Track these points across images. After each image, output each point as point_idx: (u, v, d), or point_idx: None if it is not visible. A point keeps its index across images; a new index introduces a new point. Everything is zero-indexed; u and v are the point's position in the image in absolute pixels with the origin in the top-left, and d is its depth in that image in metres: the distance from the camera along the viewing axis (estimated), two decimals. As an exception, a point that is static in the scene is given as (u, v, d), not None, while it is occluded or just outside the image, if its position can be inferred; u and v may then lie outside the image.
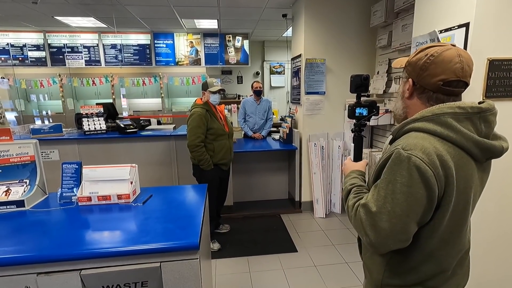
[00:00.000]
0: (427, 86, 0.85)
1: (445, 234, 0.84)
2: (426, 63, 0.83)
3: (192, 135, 2.55)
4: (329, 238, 3.05)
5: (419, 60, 0.85)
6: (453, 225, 0.84)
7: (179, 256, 1.16)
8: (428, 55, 0.83)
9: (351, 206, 0.90)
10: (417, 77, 0.86)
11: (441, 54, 0.81)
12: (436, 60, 0.82)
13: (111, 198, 1.54)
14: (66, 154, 3.23)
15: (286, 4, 3.78)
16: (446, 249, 0.86)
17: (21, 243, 1.17)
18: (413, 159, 0.76)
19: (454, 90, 0.83)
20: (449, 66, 0.80)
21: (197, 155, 2.58)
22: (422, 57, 0.84)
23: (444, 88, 0.83)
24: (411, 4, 2.61)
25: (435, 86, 0.83)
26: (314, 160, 3.54)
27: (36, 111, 5.90)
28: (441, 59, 0.81)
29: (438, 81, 0.82)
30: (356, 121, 1.15)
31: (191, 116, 2.58)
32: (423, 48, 0.87)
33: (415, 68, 0.86)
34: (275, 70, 6.82)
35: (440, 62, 0.81)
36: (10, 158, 1.58)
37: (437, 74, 0.82)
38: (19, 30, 5.08)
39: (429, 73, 0.83)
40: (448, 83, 0.82)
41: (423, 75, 0.84)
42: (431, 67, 0.82)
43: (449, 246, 0.86)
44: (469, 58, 0.83)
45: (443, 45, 0.85)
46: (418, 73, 0.85)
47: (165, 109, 6.02)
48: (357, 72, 3.72)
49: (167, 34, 5.36)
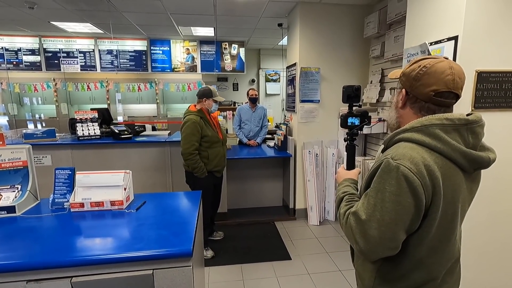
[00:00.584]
0: (419, 96, 0.88)
1: (433, 242, 0.85)
2: (419, 73, 0.86)
3: (186, 143, 2.51)
4: (323, 245, 3.05)
5: (413, 71, 0.88)
6: (441, 233, 0.85)
7: (172, 264, 1.15)
8: (421, 66, 0.86)
9: (343, 214, 0.92)
10: (410, 87, 0.89)
11: (434, 66, 0.84)
12: (429, 71, 0.85)
13: (104, 204, 1.53)
14: (59, 159, 3.19)
15: (282, 14, 3.85)
16: (435, 257, 0.87)
17: (11, 249, 1.16)
18: (402, 169, 0.78)
19: (445, 101, 0.86)
20: (441, 77, 0.83)
21: (191, 163, 2.55)
22: (416, 68, 0.87)
23: (435, 99, 0.85)
24: (403, 16, 2.68)
25: (427, 96, 0.86)
26: (309, 167, 3.56)
27: (29, 115, 5.83)
28: (434, 70, 0.84)
29: (430, 91, 0.85)
30: (348, 131, 1.17)
31: (185, 123, 2.54)
32: (417, 60, 0.91)
33: (408, 78, 0.89)
34: (271, 78, 6.88)
35: (432, 73, 0.84)
36: (2, 163, 1.56)
37: (429, 85, 0.84)
38: (14, 34, 5.06)
39: (421, 83, 0.86)
40: (440, 94, 0.84)
41: (416, 85, 0.87)
42: (424, 78, 0.85)
43: (437, 254, 0.87)
44: (460, 71, 0.86)
45: (436, 58, 0.88)
46: (411, 83, 0.88)
47: (160, 115, 6.01)
48: (351, 81, 3.81)
49: (164, 40, 5.39)
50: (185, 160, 2.58)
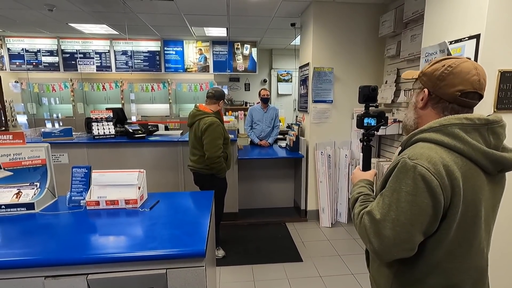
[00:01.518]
0: (443, 96, 0.85)
1: (453, 246, 0.82)
2: (443, 73, 0.84)
3: (214, 147, 2.45)
4: (335, 248, 3.01)
5: (436, 70, 0.85)
6: (461, 236, 0.82)
7: (185, 263, 1.15)
8: (445, 66, 0.84)
9: (357, 214, 0.91)
10: (434, 87, 0.86)
11: (459, 66, 0.82)
12: (454, 71, 0.82)
13: (118, 203, 1.55)
14: (75, 157, 3.27)
15: (295, 14, 3.82)
16: (454, 263, 0.84)
17: (29, 246, 1.19)
18: (419, 169, 0.76)
19: (470, 101, 0.83)
20: (467, 77, 0.81)
21: (217, 166, 2.52)
22: (439, 68, 0.85)
23: (460, 99, 0.83)
24: (420, 14, 2.61)
25: (452, 97, 0.83)
26: (321, 168, 3.51)
27: (47, 115, 6.02)
28: (459, 70, 0.82)
29: (456, 91, 0.82)
30: (364, 131, 1.14)
31: (210, 126, 2.43)
32: (438, 60, 0.88)
33: (431, 78, 0.87)
34: (283, 78, 6.85)
35: (458, 73, 0.82)
36: (22, 161, 1.61)
37: (455, 85, 0.82)
38: (34, 36, 5.23)
39: (446, 83, 0.83)
40: (465, 94, 0.82)
41: (440, 85, 0.84)
42: (449, 78, 0.83)
43: (457, 259, 0.84)
44: (484, 72, 0.84)
45: (459, 58, 0.85)
46: (434, 83, 0.86)
47: (173, 115, 6.09)
48: (365, 81, 3.75)
49: (177, 41, 5.45)
50: (212, 164, 2.50)
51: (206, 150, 2.48)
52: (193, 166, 2.67)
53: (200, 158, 2.60)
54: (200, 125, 2.50)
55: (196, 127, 2.56)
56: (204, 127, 2.46)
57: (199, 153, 2.59)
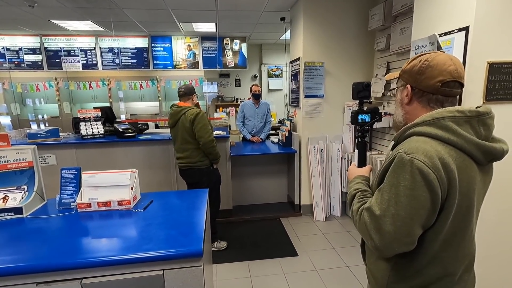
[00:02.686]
0: (426, 89, 0.88)
1: (448, 236, 0.84)
2: (421, 67, 0.88)
3: (206, 132, 2.55)
4: (330, 241, 3.04)
5: (414, 66, 0.89)
6: (456, 226, 0.84)
7: (182, 264, 1.14)
8: (422, 61, 0.88)
9: (356, 210, 0.91)
10: (415, 81, 0.90)
11: (435, 59, 0.86)
12: (432, 63, 0.86)
13: (111, 204, 1.52)
14: (63, 159, 3.19)
15: (285, 8, 3.79)
16: (449, 251, 0.86)
17: (20, 252, 1.15)
18: (416, 163, 0.77)
19: (452, 90, 0.87)
20: (444, 68, 0.85)
21: (213, 151, 2.62)
22: (417, 64, 0.89)
23: (443, 89, 0.86)
24: (409, 7, 2.63)
25: (434, 88, 0.87)
26: (314, 163, 3.53)
27: (32, 115, 5.83)
28: (436, 62, 0.86)
29: (436, 82, 0.86)
30: (359, 127, 1.14)
31: (198, 115, 2.54)
32: (415, 57, 0.92)
33: (411, 74, 0.91)
34: (273, 73, 6.83)
35: (435, 65, 0.86)
36: (8, 164, 1.55)
37: (435, 76, 0.86)
38: (15, 34, 5.04)
39: (426, 76, 0.87)
40: (446, 84, 0.86)
41: (421, 78, 0.88)
42: (428, 71, 0.87)
43: (452, 248, 0.86)
44: (459, 62, 0.88)
45: (433, 52, 0.90)
46: (415, 78, 0.89)
47: (163, 112, 5.99)
48: (355, 75, 3.76)
49: (165, 37, 5.35)
50: (209, 148, 2.59)
51: (200, 137, 2.55)
52: (187, 162, 2.67)
53: (194, 151, 2.63)
54: (187, 117, 2.56)
55: (183, 121, 2.59)
56: (192, 117, 2.54)
57: (192, 146, 2.63)
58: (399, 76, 0.96)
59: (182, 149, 2.68)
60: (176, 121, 2.64)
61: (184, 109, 2.62)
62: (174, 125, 2.68)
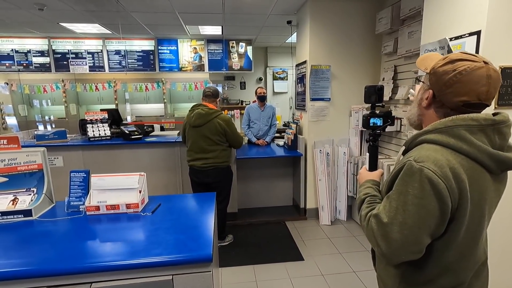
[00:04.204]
0: (446, 103, 0.83)
1: (462, 247, 0.83)
2: (452, 80, 0.79)
3: (238, 136, 2.81)
4: (336, 246, 3.01)
5: (446, 73, 0.81)
6: (469, 237, 0.83)
7: (191, 269, 1.13)
8: (456, 72, 0.79)
9: (364, 216, 0.90)
10: (439, 91, 0.84)
11: (471, 73, 0.77)
12: (463, 79, 0.78)
13: (119, 207, 1.52)
14: (70, 160, 3.21)
15: (291, 11, 3.79)
16: (463, 262, 0.85)
17: (30, 255, 1.15)
18: (425, 171, 0.75)
19: (473, 111, 0.81)
20: (475, 88, 0.78)
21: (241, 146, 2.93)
22: (449, 72, 0.80)
23: (463, 109, 0.81)
24: (417, 11, 2.61)
25: (455, 105, 0.82)
26: (320, 166, 3.51)
27: (39, 116, 5.89)
28: (469, 78, 0.77)
29: (459, 101, 0.80)
30: (370, 131, 1.13)
31: (229, 120, 2.73)
32: (453, 59, 0.81)
33: (439, 81, 0.83)
34: (278, 76, 6.83)
35: (466, 82, 0.78)
36: (18, 166, 1.56)
37: (460, 95, 0.79)
38: (24, 36, 5.10)
39: (452, 91, 0.80)
40: (469, 105, 0.80)
41: (446, 91, 0.81)
42: (456, 86, 0.79)
43: (465, 258, 0.85)
44: (497, 79, 0.79)
45: (475, 62, 0.79)
46: (440, 88, 0.83)
47: (168, 115, 6.02)
48: (362, 78, 3.74)
49: (171, 40, 5.38)
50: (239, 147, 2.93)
51: (234, 141, 2.79)
52: (213, 162, 2.74)
53: (222, 152, 2.75)
54: (220, 121, 2.68)
55: (216, 123, 2.67)
56: (224, 123, 2.69)
57: (221, 147, 2.74)
58: (429, 72, 0.87)
59: (209, 149, 2.71)
60: (207, 121, 2.66)
61: (216, 112, 2.71)
62: (201, 125, 2.67)
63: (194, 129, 2.71)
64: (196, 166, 2.76)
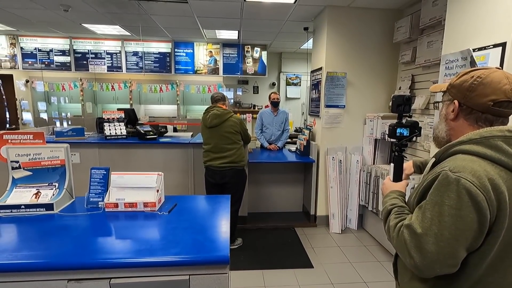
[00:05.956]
0: (475, 107, 0.84)
1: (495, 260, 0.80)
2: (473, 84, 0.83)
3: (248, 133, 2.99)
4: (346, 255, 2.97)
5: (465, 82, 0.85)
6: (504, 250, 0.80)
7: (208, 270, 1.13)
8: (474, 77, 0.84)
9: (393, 226, 0.88)
10: (464, 98, 0.86)
11: (489, 76, 0.82)
12: (484, 81, 0.82)
13: (137, 205, 1.54)
14: (87, 157, 3.28)
15: (308, 18, 3.81)
16: (495, 277, 0.81)
17: (51, 247, 1.18)
18: (463, 182, 0.74)
19: (504, 111, 0.82)
20: (499, 86, 0.80)
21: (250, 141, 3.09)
22: (468, 79, 0.85)
23: (494, 109, 0.82)
24: (437, 21, 2.59)
25: (485, 107, 0.82)
26: (332, 174, 3.48)
27: (56, 113, 6.05)
28: (490, 80, 0.81)
29: (488, 101, 0.81)
30: (396, 141, 1.12)
31: (241, 120, 2.88)
32: (466, 71, 0.88)
33: (460, 89, 0.86)
34: (291, 82, 6.84)
35: (488, 83, 0.81)
36: (42, 161, 1.60)
37: (487, 95, 0.81)
38: (47, 36, 5.28)
39: (477, 93, 0.83)
40: (499, 103, 0.81)
41: (471, 95, 0.84)
42: (480, 88, 0.82)
43: (498, 273, 0.81)
44: None
45: (487, 68, 0.85)
46: (464, 94, 0.85)
47: (180, 116, 6.09)
48: (377, 86, 3.71)
49: (188, 43, 5.47)
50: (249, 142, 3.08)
51: (247, 136, 2.96)
52: (230, 162, 2.79)
53: (238, 151, 2.82)
54: (235, 120, 2.82)
55: (231, 122, 2.78)
56: (238, 121, 2.84)
57: (237, 146, 2.83)
58: (447, 89, 0.92)
59: (226, 148, 2.77)
60: (223, 121, 2.75)
61: (229, 113, 2.81)
62: (217, 125, 2.76)
63: (211, 129, 2.78)
64: (213, 166, 2.80)
